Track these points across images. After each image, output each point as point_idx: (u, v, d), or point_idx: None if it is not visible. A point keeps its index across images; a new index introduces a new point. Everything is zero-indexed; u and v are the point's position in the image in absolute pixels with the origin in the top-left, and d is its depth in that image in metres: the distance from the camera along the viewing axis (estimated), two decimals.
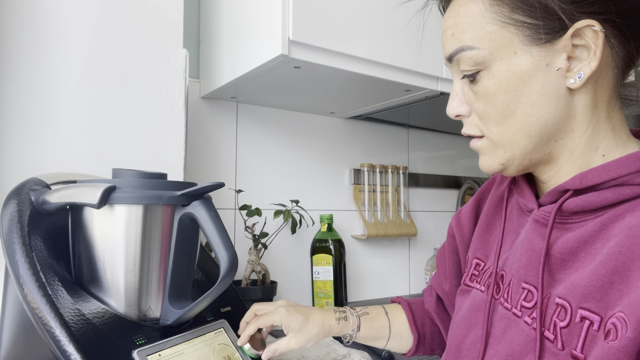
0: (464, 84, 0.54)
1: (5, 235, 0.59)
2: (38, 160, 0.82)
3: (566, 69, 0.48)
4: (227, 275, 0.60)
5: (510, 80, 0.49)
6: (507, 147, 0.52)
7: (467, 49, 0.50)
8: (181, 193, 0.62)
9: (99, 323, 0.58)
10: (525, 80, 0.48)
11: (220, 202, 1.26)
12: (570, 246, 0.48)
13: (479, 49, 0.50)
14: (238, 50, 1.10)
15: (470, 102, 0.53)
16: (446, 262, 0.74)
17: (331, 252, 1.33)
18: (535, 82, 0.48)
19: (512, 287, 0.54)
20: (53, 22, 0.85)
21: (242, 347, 0.69)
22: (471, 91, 0.53)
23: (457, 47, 0.51)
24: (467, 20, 0.51)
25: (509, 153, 0.52)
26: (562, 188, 0.50)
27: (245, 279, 1.16)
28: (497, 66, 0.49)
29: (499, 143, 0.52)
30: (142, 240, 0.61)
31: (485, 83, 0.50)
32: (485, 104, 0.51)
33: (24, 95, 0.82)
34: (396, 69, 1.11)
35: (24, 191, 0.63)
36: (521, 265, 0.53)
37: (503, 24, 0.49)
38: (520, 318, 0.51)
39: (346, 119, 1.55)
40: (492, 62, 0.50)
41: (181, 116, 0.98)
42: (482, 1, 0.50)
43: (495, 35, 0.49)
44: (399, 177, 1.64)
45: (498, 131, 0.51)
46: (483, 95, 0.51)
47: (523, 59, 0.48)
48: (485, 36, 0.49)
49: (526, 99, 0.49)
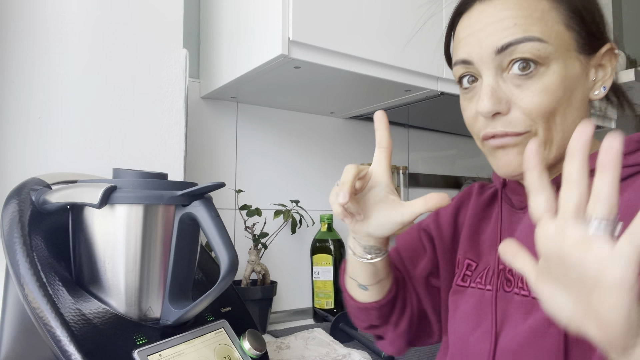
0: (501, 80, 0.53)
1: (6, 235, 0.59)
2: (38, 160, 0.82)
3: (594, 81, 0.54)
4: (228, 275, 0.60)
5: (566, 80, 0.52)
6: (552, 145, 0.53)
7: (535, 40, 0.51)
8: (182, 193, 0.62)
9: (100, 323, 0.58)
10: (575, 84, 0.52)
11: (220, 202, 1.26)
12: None
13: (547, 43, 0.51)
14: (238, 50, 1.10)
15: (517, 99, 0.52)
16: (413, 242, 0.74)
17: (331, 252, 1.33)
18: (580, 87, 0.53)
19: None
20: (53, 22, 0.85)
21: (242, 347, 0.69)
22: (516, 87, 0.52)
23: (522, 37, 0.51)
24: (534, 14, 0.51)
25: (550, 152, 0.53)
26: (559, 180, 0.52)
27: (246, 279, 1.17)
28: (557, 64, 0.51)
29: (546, 139, 0.52)
30: (143, 240, 0.61)
31: (547, 79, 0.51)
32: (543, 97, 0.51)
33: (24, 95, 0.82)
34: (396, 69, 1.11)
35: (25, 191, 0.63)
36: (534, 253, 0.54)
37: (567, 26, 0.52)
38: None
39: (346, 119, 1.55)
40: (553, 60, 0.51)
41: (181, 116, 0.98)
42: (548, 1, 0.52)
43: (562, 35, 0.52)
44: (399, 177, 1.64)
45: (548, 126, 0.52)
46: (541, 90, 0.51)
47: (576, 63, 0.53)
48: (553, 33, 0.51)
49: (575, 101, 0.53)
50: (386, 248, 0.62)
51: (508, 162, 0.54)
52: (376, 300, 0.66)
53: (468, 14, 0.56)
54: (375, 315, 0.68)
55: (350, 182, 0.52)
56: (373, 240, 0.60)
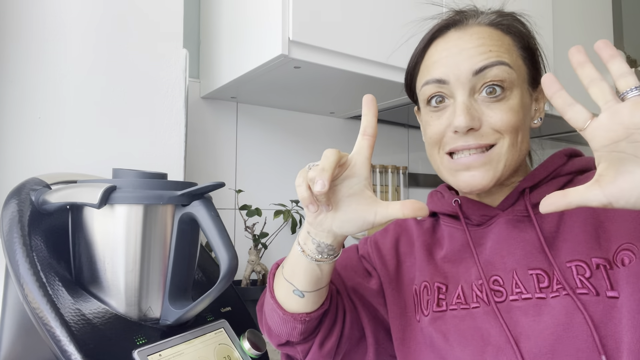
0: (475, 99, 0.59)
1: (6, 235, 0.59)
2: (38, 160, 0.82)
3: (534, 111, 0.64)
4: (227, 275, 0.60)
5: (523, 106, 0.60)
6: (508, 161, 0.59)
7: (506, 64, 0.58)
8: (181, 193, 0.62)
9: (100, 323, 0.58)
10: (527, 110, 0.61)
11: (220, 202, 1.26)
12: (552, 226, 0.59)
13: (514, 70, 0.59)
14: (238, 50, 1.10)
15: (487, 116, 0.58)
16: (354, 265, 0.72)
17: None
18: (529, 114, 0.62)
19: (519, 278, 0.58)
20: (53, 22, 0.85)
21: (242, 346, 0.69)
22: (486, 107, 0.58)
23: (496, 60, 0.58)
24: (503, 46, 0.60)
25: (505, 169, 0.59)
26: (520, 189, 0.62)
27: (245, 279, 1.17)
28: (517, 91, 0.59)
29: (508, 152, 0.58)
30: (142, 240, 0.61)
31: (512, 101, 0.58)
32: (510, 115, 0.58)
33: (23, 95, 0.82)
34: (396, 69, 1.11)
35: (25, 191, 0.63)
36: (517, 257, 0.59)
37: (524, 60, 0.61)
38: (546, 299, 0.55)
39: (346, 119, 1.55)
40: (515, 86, 0.59)
41: (181, 116, 0.98)
42: (506, 37, 0.61)
43: (521, 67, 0.61)
44: (399, 177, 1.64)
45: (512, 141, 0.58)
46: (509, 109, 0.58)
47: (526, 94, 0.61)
48: (516, 64, 0.60)
49: (526, 125, 0.61)
50: (339, 251, 0.57)
51: (477, 176, 0.59)
52: (308, 311, 0.59)
53: (443, 39, 0.62)
54: (300, 330, 0.60)
55: (331, 169, 0.48)
56: (331, 238, 0.54)
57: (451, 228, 0.68)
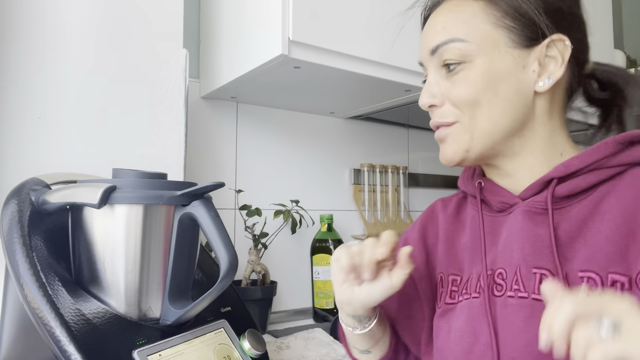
0: (439, 77, 0.59)
1: (6, 235, 0.59)
2: (38, 160, 0.82)
3: (538, 73, 0.56)
4: (227, 275, 0.60)
5: (489, 73, 0.56)
6: (475, 133, 0.57)
7: (457, 40, 0.57)
8: (181, 193, 0.62)
9: (99, 323, 0.58)
10: (504, 77, 0.56)
11: (220, 202, 1.26)
12: (573, 225, 0.54)
13: (468, 42, 0.56)
14: (238, 50, 1.10)
15: (447, 92, 0.58)
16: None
17: (331, 252, 1.33)
18: (513, 80, 0.56)
19: (521, 276, 0.55)
20: (53, 22, 0.85)
21: (242, 346, 0.69)
22: (448, 81, 0.58)
23: (447, 39, 0.57)
24: (461, 17, 0.57)
25: (475, 140, 0.57)
26: (547, 178, 0.56)
27: (245, 279, 1.16)
28: (481, 60, 0.56)
29: (470, 127, 0.57)
30: (142, 240, 0.61)
31: (467, 73, 0.56)
32: (464, 88, 0.56)
33: (23, 95, 0.82)
34: (396, 69, 1.11)
35: (24, 191, 0.63)
36: (525, 253, 0.55)
37: (494, 25, 0.56)
38: (542, 301, 0.52)
39: (346, 119, 1.55)
40: (477, 56, 0.56)
41: (181, 116, 0.98)
42: (477, 3, 0.57)
43: (486, 33, 0.56)
44: (399, 177, 1.64)
45: (472, 114, 0.57)
46: (463, 82, 0.56)
47: (505, 58, 0.56)
48: (477, 33, 0.56)
49: (503, 93, 0.56)
50: (376, 312, 0.63)
51: (446, 150, 0.60)
52: (380, 357, 0.67)
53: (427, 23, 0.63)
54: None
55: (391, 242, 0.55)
56: (362, 310, 0.59)
57: (475, 211, 0.65)
